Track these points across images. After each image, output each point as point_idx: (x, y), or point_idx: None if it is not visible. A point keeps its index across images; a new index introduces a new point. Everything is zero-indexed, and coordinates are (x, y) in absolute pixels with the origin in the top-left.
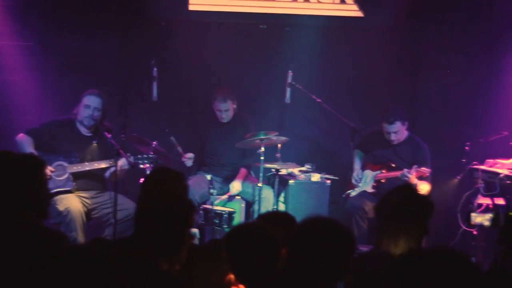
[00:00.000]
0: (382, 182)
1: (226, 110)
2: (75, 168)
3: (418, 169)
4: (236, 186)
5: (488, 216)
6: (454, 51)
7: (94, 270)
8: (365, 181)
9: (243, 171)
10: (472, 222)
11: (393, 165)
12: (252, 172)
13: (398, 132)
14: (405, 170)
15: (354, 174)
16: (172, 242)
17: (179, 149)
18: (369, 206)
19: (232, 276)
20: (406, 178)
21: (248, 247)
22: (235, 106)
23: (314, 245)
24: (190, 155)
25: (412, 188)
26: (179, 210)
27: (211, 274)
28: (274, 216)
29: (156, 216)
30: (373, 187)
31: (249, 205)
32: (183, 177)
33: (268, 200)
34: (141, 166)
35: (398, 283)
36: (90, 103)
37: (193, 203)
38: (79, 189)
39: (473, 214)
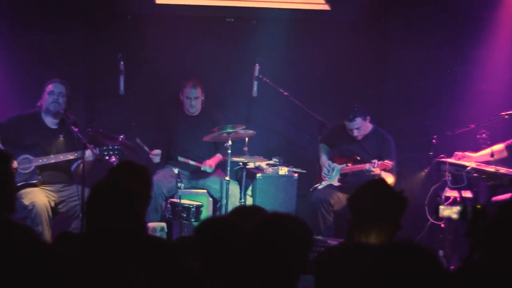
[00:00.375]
0: (348, 175)
1: (195, 97)
2: (40, 161)
3: (382, 162)
4: (209, 163)
5: (456, 209)
6: (421, 45)
7: (44, 265)
8: (332, 174)
9: (219, 155)
10: (440, 215)
11: (359, 158)
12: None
13: (360, 127)
14: (369, 164)
15: (325, 166)
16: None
17: (146, 148)
18: (334, 199)
19: None
20: (371, 172)
21: (218, 240)
22: (203, 98)
23: (269, 242)
24: (157, 151)
25: (386, 183)
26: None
27: None
28: (247, 210)
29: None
30: (339, 180)
31: (216, 200)
32: (146, 171)
33: (235, 195)
34: (107, 158)
35: (367, 276)
36: (54, 89)
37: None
38: (44, 182)
39: (441, 207)
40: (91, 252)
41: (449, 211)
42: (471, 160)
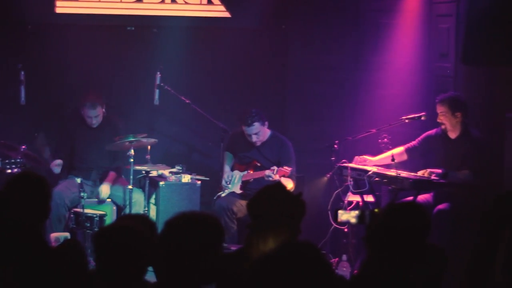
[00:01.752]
0: (249, 182)
1: (95, 116)
2: None
3: (281, 168)
4: (104, 190)
5: (354, 213)
6: (322, 51)
7: None
8: (233, 182)
9: (111, 174)
10: (339, 220)
11: (259, 164)
12: (123, 176)
13: (259, 133)
14: (268, 170)
15: (224, 177)
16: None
17: (48, 153)
18: (237, 206)
19: None
20: (270, 178)
21: (117, 246)
22: (104, 110)
23: (179, 242)
24: (58, 161)
25: (283, 187)
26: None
27: None
28: (132, 218)
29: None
30: (241, 187)
31: (120, 208)
32: (44, 182)
33: (139, 204)
34: (9, 171)
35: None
36: None
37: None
38: None
39: (339, 212)
40: None
41: (348, 216)
42: (371, 163)
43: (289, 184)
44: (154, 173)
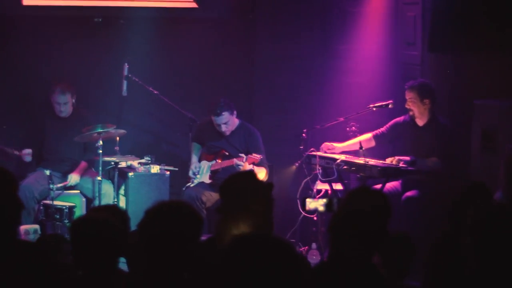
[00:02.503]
0: (218, 171)
1: (65, 103)
2: None
3: (250, 156)
4: (74, 177)
5: (322, 201)
6: (289, 40)
7: None
8: (202, 172)
9: (83, 163)
10: (307, 208)
11: (227, 154)
12: (92, 168)
13: (228, 122)
14: (236, 159)
15: (192, 167)
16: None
17: (15, 152)
18: (206, 196)
19: None
20: (240, 167)
21: (90, 237)
22: (74, 100)
23: (160, 231)
24: (28, 150)
25: (253, 175)
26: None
27: None
28: (104, 209)
29: None
30: (210, 177)
31: (89, 200)
32: (10, 176)
33: (109, 195)
34: None
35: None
36: None
37: (20, 199)
38: None
39: (307, 200)
40: None
41: (316, 204)
42: (338, 150)
43: (262, 172)
44: (123, 164)
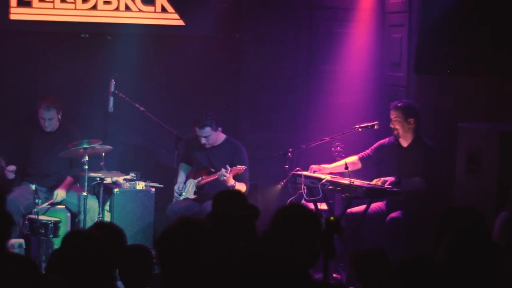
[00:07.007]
0: (203, 187)
1: (50, 118)
2: None
3: (235, 167)
4: (60, 194)
5: None
6: (275, 59)
7: None
8: (187, 190)
9: (68, 179)
10: None
11: (213, 170)
12: (78, 184)
13: (209, 137)
14: (222, 169)
15: (175, 188)
16: None
17: (2, 163)
18: (189, 210)
19: None
20: (224, 178)
21: (85, 252)
22: (60, 116)
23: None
24: (12, 167)
25: (240, 195)
26: None
27: None
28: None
29: None
30: (195, 193)
31: (74, 215)
32: None
33: (94, 210)
34: None
35: None
36: None
37: (9, 214)
38: None
39: None
40: None
41: None
42: (326, 171)
43: (242, 188)
44: (108, 180)
